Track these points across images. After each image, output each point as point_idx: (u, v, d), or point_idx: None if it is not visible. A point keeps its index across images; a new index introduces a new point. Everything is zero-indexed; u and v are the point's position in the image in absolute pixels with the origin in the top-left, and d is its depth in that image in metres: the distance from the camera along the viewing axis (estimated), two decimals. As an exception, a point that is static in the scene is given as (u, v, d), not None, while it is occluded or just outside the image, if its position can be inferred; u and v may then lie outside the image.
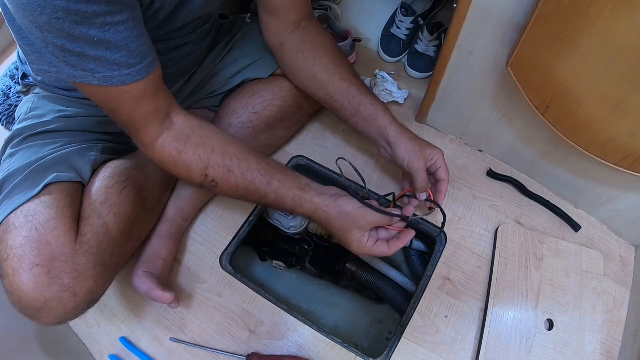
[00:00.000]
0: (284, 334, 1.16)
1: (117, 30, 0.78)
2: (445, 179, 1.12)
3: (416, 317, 1.16)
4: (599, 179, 1.18)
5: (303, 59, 1.16)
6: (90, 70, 0.79)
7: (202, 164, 0.97)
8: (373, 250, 1.03)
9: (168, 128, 0.96)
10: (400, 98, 1.51)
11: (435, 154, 1.10)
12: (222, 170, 0.99)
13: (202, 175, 0.98)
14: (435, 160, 1.10)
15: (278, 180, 1.03)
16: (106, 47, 0.78)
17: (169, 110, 0.96)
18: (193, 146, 0.97)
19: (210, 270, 1.24)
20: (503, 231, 1.25)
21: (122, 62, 0.81)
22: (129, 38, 0.80)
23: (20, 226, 0.89)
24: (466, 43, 1.11)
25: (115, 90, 0.84)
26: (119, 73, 0.82)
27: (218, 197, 1.32)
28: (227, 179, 0.99)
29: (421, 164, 1.09)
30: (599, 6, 0.75)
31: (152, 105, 0.91)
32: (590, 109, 0.92)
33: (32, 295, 0.85)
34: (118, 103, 0.87)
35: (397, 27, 1.62)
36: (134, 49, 0.82)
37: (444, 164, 1.11)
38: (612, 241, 1.28)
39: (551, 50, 0.89)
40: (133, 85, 0.85)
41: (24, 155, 1.03)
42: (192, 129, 0.98)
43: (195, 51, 1.22)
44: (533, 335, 1.11)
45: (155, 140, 0.95)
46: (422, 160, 1.09)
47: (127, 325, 1.20)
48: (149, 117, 0.92)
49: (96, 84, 0.81)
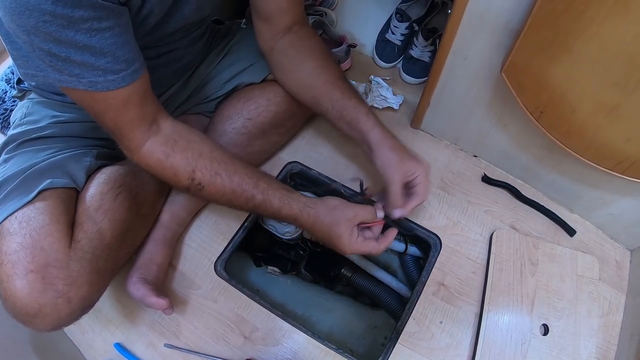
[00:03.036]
0: (278, 340, 1.16)
1: (103, 36, 0.78)
2: (419, 196, 1.07)
3: (411, 322, 1.16)
4: (594, 183, 1.19)
5: (289, 63, 1.16)
6: (76, 75, 0.80)
7: (190, 167, 0.98)
8: (364, 246, 1.04)
9: (155, 133, 0.96)
10: (395, 104, 1.51)
11: (417, 169, 1.06)
12: (209, 173, 0.99)
13: (189, 179, 0.99)
14: (416, 175, 1.06)
15: (265, 182, 1.04)
16: (92, 52, 0.78)
17: (155, 117, 0.97)
18: (181, 150, 0.97)
19: (204, 276, 1.24)
20: (498, 236, 1.25)
21: (107, 68, 0.81)
22: (114, 44, 0.80)
23: (14, 232, 0.88)
24: (461, 49, 1.11)
25: (101, 96, 0.84)
26: (103, 79, 0.82)
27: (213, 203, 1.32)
28: (214, 182, 1.00)
29: (396, 177, 1.05)
30: (593, 12, 0.76)
31: (138, 111, 0.91)
32: (584, 115, 0.93)
33: (26, 301, 0.85)
34: (103, 108, 0.88)
35: (392, 33, 1.62)
36: (120, 56, 0.82)
37: (424, 181, 1.07)
38: (607, 245, 1.28)
39: (545, 55, 0.90)
40: (118, 92, 0.85)
41: (18, 160, 1.02)
42: (180, 134, 0.99)
43: (186, 54, 1.22)
44: (528, 340, 1.11)
45: (141, 145, 0.95)
46: (399, 173, 1.05)
47: (121, 331, 1.19)
48: (134, 123, 0.92)
49: (82, 88, 0.82)
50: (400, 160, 1.06)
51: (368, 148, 1.11)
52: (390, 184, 1.06)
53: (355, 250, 1.04)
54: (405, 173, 1.06)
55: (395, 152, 1.06)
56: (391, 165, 1.05)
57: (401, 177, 1.06)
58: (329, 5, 1.77)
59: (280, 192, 1.04)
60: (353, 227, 1.03)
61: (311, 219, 1.04)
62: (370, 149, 1.10)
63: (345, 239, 1.03)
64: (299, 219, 1.05)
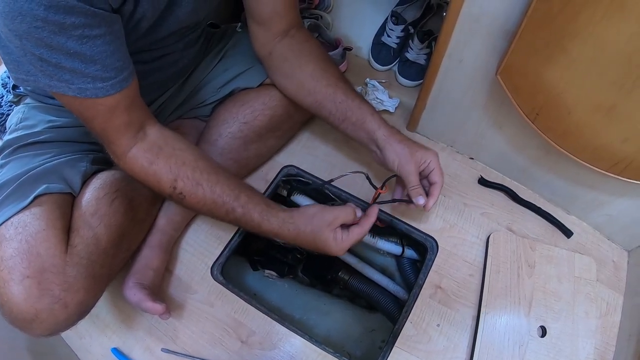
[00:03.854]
0: (275, 344, 1.15)
1: (93, 43, 0.78)
2: (438, 182, 1.09)
3: (408, 325, 1.16)
4: (591, 185, 1.19)
5: (289, 67, 1.16)
6: (66, 81, 0.80)
7: (172, 175, 0.98)
8: (350, 238, 1.04)
9: (141, 140, 0.97)
10: (391, 107, 1.51)
11: (428, 156, 1.08)
12: (190, 182, 1.00)
13: (171, 187, 0.99)
14: (428, 162, 1.08)
15: (246, 196, 1.04)
16: (82, 59, 0.79)
17: (142, 123, 0.97)
18: (165, 157, 0.98)
19: (201, 281, 1.23)
20: (495, 238, 1.25)
21: (96, 76, 0.82)
22: (104, 52, 0.81)
23: (10, 237, 0.88)
24: (456, 51, 1.11)
25: (89, 102, 0.85)
26: (92, 86, 0.82)
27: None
28: (195, 192, 1.00)
29: (411, 167, 1.07)
30: (589, 12, 0.76)
31: (125, 118, 0.92)
32: (580, 116, 0.93)
33: (23, 307, 0.84)
34: (92, 114, 0.88)
35: (388, 36, 1.62)
36: (109, 64, 0.83)
37: (437, 166, 1.09)
38: (604, 246, 1.29)
39: (541, 57, 0.90)
40: (106, 99, 0.86)
41: (14, 166, 1.02)
42: (166, 141, 0.99)
43: (182, 58, 1.22)
44: (526, 342, 1.11)
45: (126, 151, 0.96)
46: (412, 163, 1.07)
47: (118, 335, 1.19)
48: (120, 130, 0.93)
49: (71, 94, 0.82)
50: (411, 152, 1.07)
51: (376, 146, 1.12)
52: (407, 175, 1.08)
53: (345, 248, 1.05)
54: (418, 162, 1.08)
55: (405, 145, 1.08)
56: (404, 156, 1.07)
57: (416, 168, 1.08)
58: (324, 8, 1.77)
59: (260, 207, 1.04)
60: (335, 229, 1.04)
61: (292, 234, 1.05)
62: (378, 147, 1.11)
63: (332, 242, 1.03)
64: (280, 234, 1.06)
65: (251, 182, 1.37)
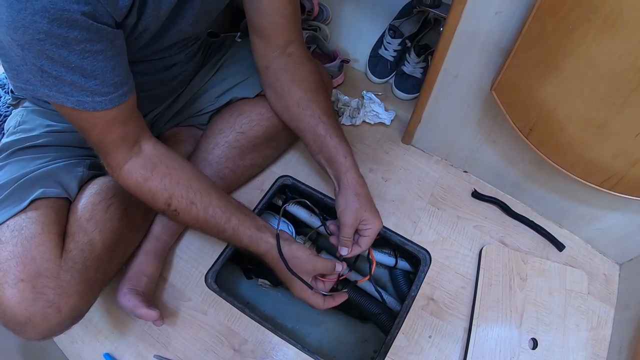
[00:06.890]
0: (268, 353, 1.16)
1: (95, 58, 0.79)
2: (362, 247, 1.10)
3: (400, 337, 1.16)
4: (583, 199, 1.20)
5: (280, 89, 1.17)
6: (65, 93, 0.80)
7: (167, 193, 0.99)
8: (311, 298, 1.09)
9: (136, 154, 0.97)
10: (386, 119, 1.52)
11: (371, 224, 1.08)
12: (184, 202, 1.01)
13: (165, 204, 1.00)
14: (367, 228, 1.09)
15: (237, 219, 1.06)
16: (82, 74, 0.79)
17: (138, 138, 0.98)
18: (159, 175, 0.99)
19: (195, 288, 1.24)
20: (487, 251, 1.26)
21: (95, 90, 0.82)
22: (105, 68, 0.81)
23: (5, 241, 0.88)
24: (452, 66, 1.12)
25: (87, 114, 0.85)
26: (91, 100, 0.83)
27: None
28: (189, 210, 1.02)
29: (350, 221, 1.07)
30: (581, 32, 0.77)
31: (121, 132, 0.92)
32: (573, 132, 0.94)
33: (16, 310, 0.85)
34: (89, 125, 0.88)
35: (385, 49, 1.64)
36: (109, 79, 0.83)
37: (371, 236, 1.09)
38: (596, 260, 1.29)
39: (535, 74, 0.91)
40: (104, 113, 0.86)
41: (11, 169, 1.02)
42: (160, 158, 1.00)
43: (184, 71, 1.23)
44: (517, 354, 1.12)
45: (122, 165, 0.96)
46: (354, 217, 1.07)
47: (111, 341, 1.19)
48: (116, 143, 0.93)
49: (69, 106, 0.82)
50: (360, 209, 1.07)
51: (337, 186, 1.13)
52: (343, 225, 1.08)
53: (302, 298, 1.09)
54: (358, 220, 1.08)
55: (358, 199, 1.08)
56: (350, 209, 1.07)
57: (354, 223, 1.08)
58: (323, 19, 1.78)
59: (250, 231, 1.07)
60: (309, 277, 1.08)
61: (274, 261, 1.08)
62: (338, 187, 1.12)
63: (297, 286, 1.08)
64: (264, 257, 1.09)
65: (247, 191, 1.38)
